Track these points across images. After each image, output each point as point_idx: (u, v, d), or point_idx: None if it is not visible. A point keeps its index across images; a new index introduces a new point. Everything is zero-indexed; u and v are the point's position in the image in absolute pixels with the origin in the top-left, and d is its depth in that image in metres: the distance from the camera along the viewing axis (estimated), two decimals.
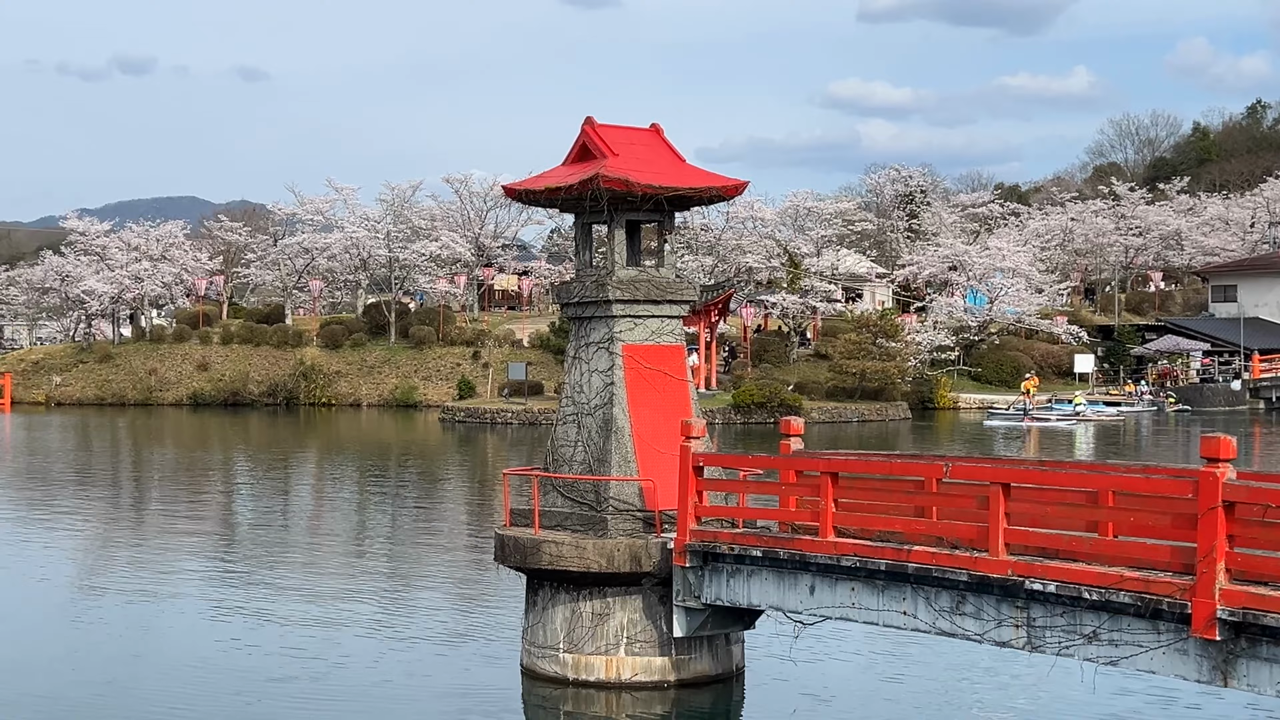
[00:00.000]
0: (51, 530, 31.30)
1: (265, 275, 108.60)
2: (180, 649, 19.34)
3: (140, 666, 18.51)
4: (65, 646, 19.58)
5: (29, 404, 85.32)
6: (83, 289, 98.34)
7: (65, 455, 52.08)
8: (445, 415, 69.98)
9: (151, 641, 19.99)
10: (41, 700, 16.76)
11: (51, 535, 30.56)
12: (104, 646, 19.55)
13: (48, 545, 29.06)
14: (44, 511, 34.73)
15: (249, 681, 17.56)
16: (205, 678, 17.74)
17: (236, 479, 43.75)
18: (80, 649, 19.43)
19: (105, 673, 18.11)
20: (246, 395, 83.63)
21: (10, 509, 35.48)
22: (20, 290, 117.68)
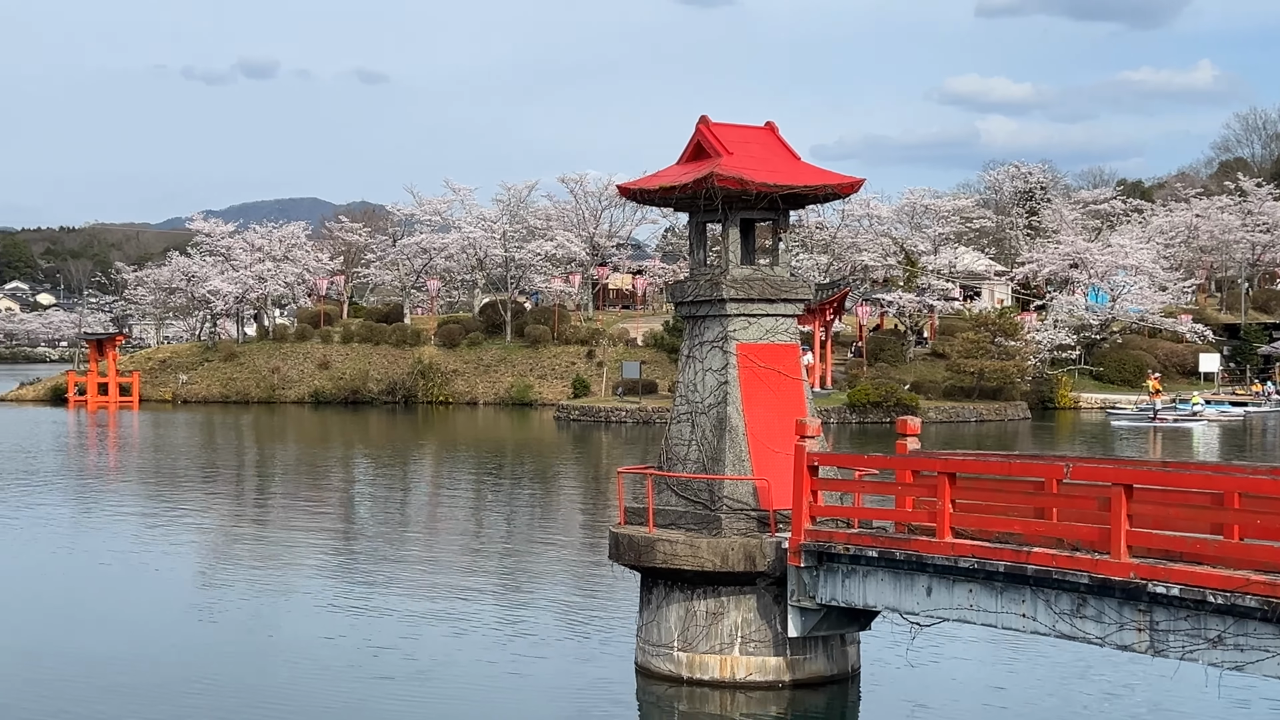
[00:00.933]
0: (177, 525, 32.06)
1: (384, 275, 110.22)
2: (300, 644, 19.69)
3: (263, 662, 18.87)
4: (190, 642, 20.02)
5: (156, 401, 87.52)
6: (208, 289, 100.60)
7: (191, 452, 53.31)
8: (560, 413, 70.43)
9: (273, 637, 20.36)
10: (168, 694, 17.16)
11: (177, 531, 31.30)
12: (227, 643, 19.96)
13: (174, 541, 29.77)
14: (170, 507, 35.59)
15: (368, 677, 17.82)
16: (324, 673, 18.05)
17: (356, 476, 44.45)
18: (204, 645, 19.85)
19: (230, 668, 18.49)
20: (366, 393, 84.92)
21: (138, 505, 36.42)
22: (148, 290, 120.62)
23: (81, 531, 30.99)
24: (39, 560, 26.98)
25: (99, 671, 17.97)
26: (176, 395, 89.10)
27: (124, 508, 35.29)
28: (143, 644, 19.70)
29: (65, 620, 21.05)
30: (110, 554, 27.76)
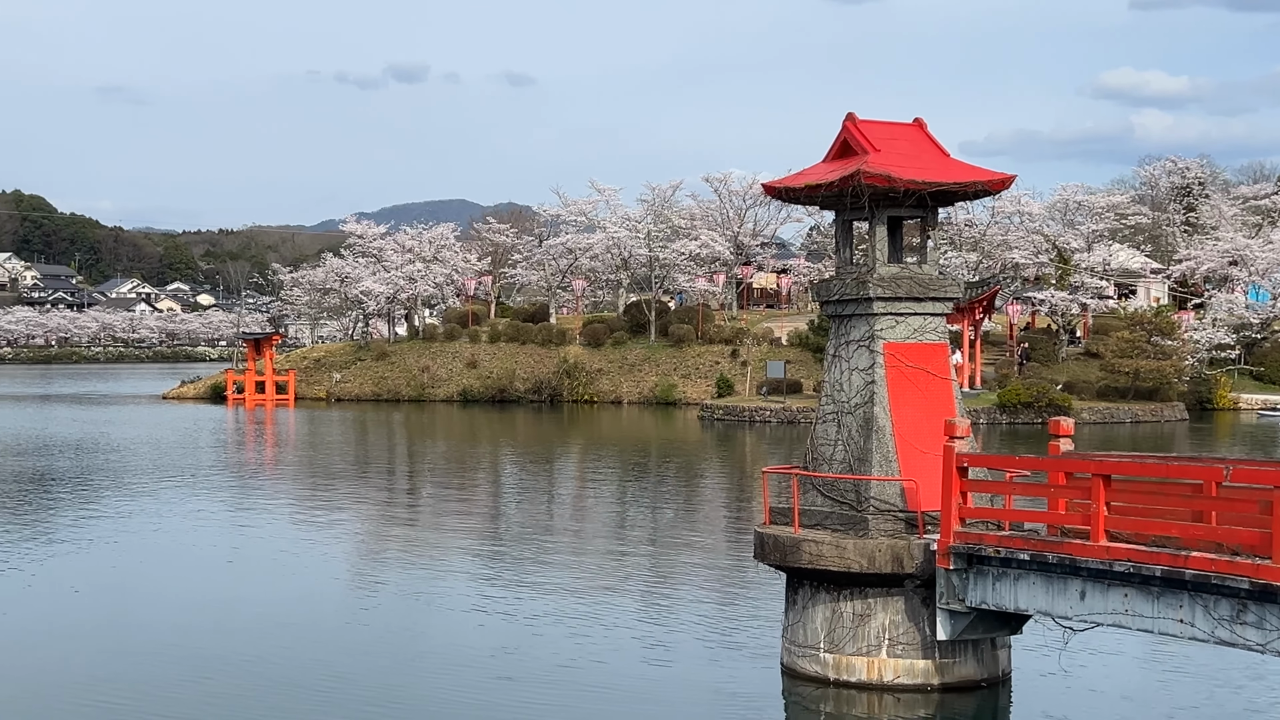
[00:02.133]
0: (330, 522, 32.78)
1: (531, 275, 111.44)
2: (444, 644, 19.99)
3: (406, 663, 19.17)
4: (338, 641, 20.46)
5: (311, 399, 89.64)
6: (360, 289, 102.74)
7: (344, 449, 54.49)
8: (704, 413, 70.47)
9: (420, 636, 20.68)
10: (321, 696, 17.55)
11: (331, 528, 32.00)
12: (374, 641, 20.35)
13: (327, 538, 30.45)
14: (324, 503, 36.40)
15: (510, 677, 18.00)
16: (464, 672, 18.25)
17: (503, 474, 44.99)
18: (352, 645, 20.27)
19: (375, 669, 18.84)
20: (513, 392, 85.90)
21: (293, 501, 37.34)
22: (303, 291, 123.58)
23: (237, 528, 31.86)
24: (196, 556, 27.80)
25: (248, 671, 18.43)
26: (330, 393, 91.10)
27: (279, 504, 36.22)
28: (293, 643, 20.12)
29: (218, 617, 21.60)
30: (265, 551, 28.53)
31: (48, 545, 28.38)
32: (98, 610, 22.04)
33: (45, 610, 21.99)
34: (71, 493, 37.63)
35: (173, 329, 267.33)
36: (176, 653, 19.06)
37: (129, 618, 21.53)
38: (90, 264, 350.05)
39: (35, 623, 21.05)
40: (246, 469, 45.96)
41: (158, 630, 20.60)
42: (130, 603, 22.77)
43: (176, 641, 19.75)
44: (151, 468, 44.55)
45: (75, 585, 24.12)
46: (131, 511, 33.76)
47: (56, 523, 31.78)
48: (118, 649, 19.40)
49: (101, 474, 42.47)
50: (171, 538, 29.77)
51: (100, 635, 20.26)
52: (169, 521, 32.10)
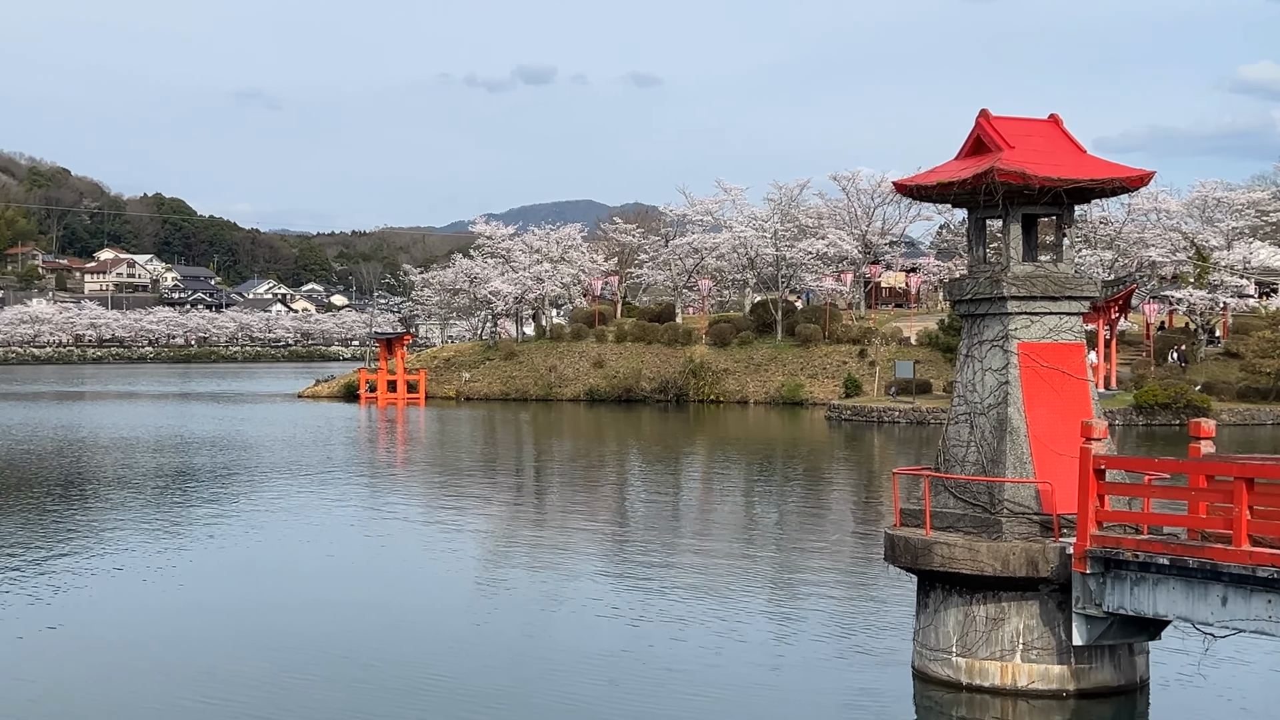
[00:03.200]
0: (459, 520, 33.18)
1: (657, 275, 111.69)
2: (575, 640, 20.11)
3: (530, 663, 19.30)
4: (463, 640, 20.69)
5: (440, 398, 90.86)
6: (489, 290, 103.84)
7: (473, 447, 55.15)
8: (831, 413, 70.01)
9: (544, 638, 20.77)
10: (448, 693, 17.78)
11: (459, 526, 32.39)
12: (506, 638, 20.55)
13: (456, 535, 30.82)
14: (453, 501, 36.87)
15: (633, 679, 18.05)
16: (588, 673, 18.28)
17: (629, 473, 45.16)
18: (483, 640, 20.50)
19: (511, 664, 19.02)
20: (639, 391, 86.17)
21: (423, 498, 37.89)
22: (434, 291, 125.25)
23: (368, 525, 32.40)
24: (326, 552, 28.35)
25: (371, 669, 18.67)
26: (459, 392, 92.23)
27: (409, 502, 36.77)
28: (418, 642, 20.35)
29: (346, 615, 21.96)
30: (395, 548, 29.00)
31: (183, 540, 29.14)
32: (227, 603, 22.56)
33: (177, 602, 22.57)
34: (208, 489, 38.60)
35: (307, 329, 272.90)
36: (303, 649, 19.44)
37: (259, 614, 22.02)
38: (228, 265, 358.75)
39: (168, 616, 21.60)
40: (378, 467, 46.74)
41: (285, 627, 21.05)
42: (261, 598, 23.28)
43: (303, 638, 20.15)
44: (286, 465, 45.52)
45: (207, 579, 24.73)
46: (266, 508, 34.54)
47: (193, 517, 32.61)
48: (245, 643, 19.83)
49: (238, 471, 43.50)
50: (303, 534, 30.38)
51: (227, 629, 20.72)
52: (301, 518, 32.77)
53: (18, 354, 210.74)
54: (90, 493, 37.49)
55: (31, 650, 19.23)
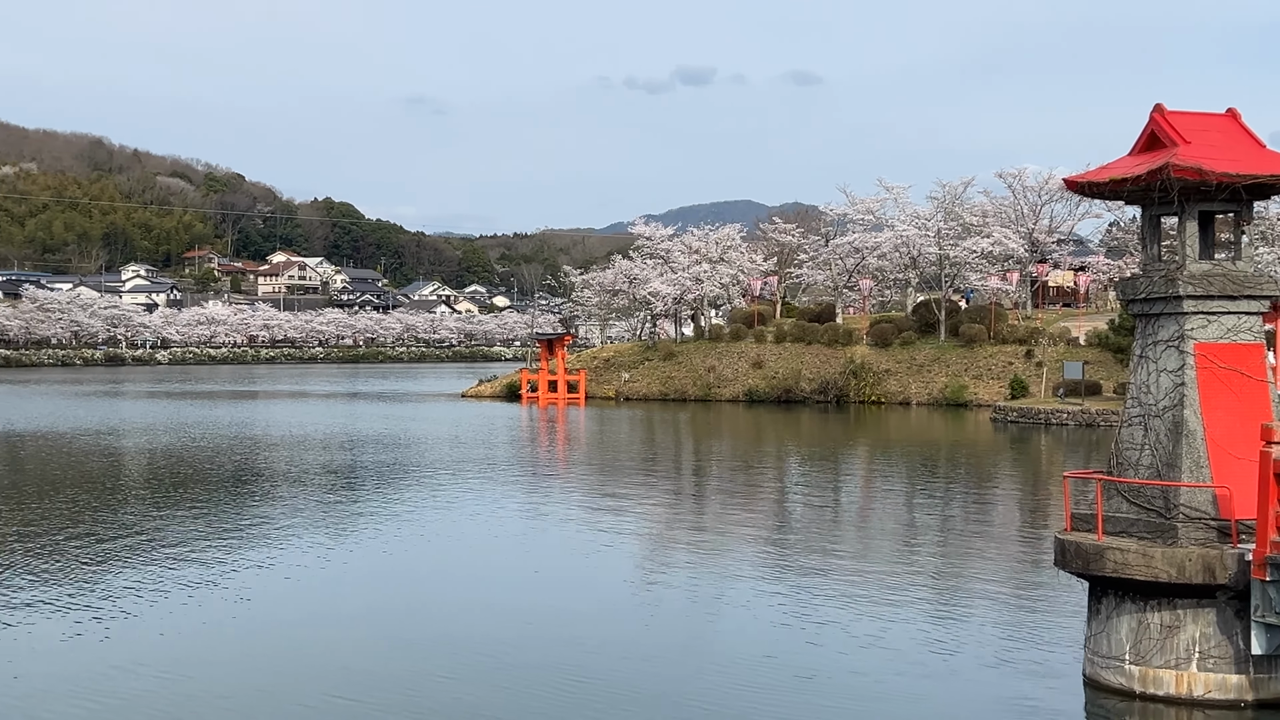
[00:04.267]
0: (619, 519, 33.34)
1: (816, 275, 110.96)
2: (730, 644, 20.06)
3: (694, 662, 19.32)
4: (625, 637, 20.80)
5: (600, 398, 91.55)
6: (648, 290, 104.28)
7: (633, 446, 55.43)
8: (996, 415, 68.75)
9: (705, 636, 20.81)
10: (610, 689, 17.89)
11: (619, 526, 32.54)
12: (662, 639, 20.62)
13: (616, 535, 30.98)
14: (613, 500, 37.09)
15: (791, 682, 17.95)
16: (743, 677, 18.22)
17: (789, 474, 44.93)
18: (639, 641, 20.58)
19: (665, 666, 19.07)
20: (798, 392, 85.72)
21: (583, 496, 38.18)
22: (593, 292, 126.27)
23: (530, 523, 32.77)
24: (488, 551, 28.75)
25: (532, 669, 18.86)
26: (619, 392, 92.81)
27: (570, 501, 37.09)
28: (576, 642, 20.51)
29: (506, 614, 22.21)
30: (556, 548, 29.28)
31: (346, 536, 29.82)
32: (385, 603, 22.98)
33: (334, 599, 23.08)
34: (373, 486, 39.46)
35: (470, 329, 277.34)
36: (465, 647, 19.72)
37: (421, 610, 22.43)
38: (394, 268, 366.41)
39: (325, 613, 22.09)
40: (538, 466, 47.26)
41: (447, 624, 21.38)
42: (424, 595, 23.71)
43: (465, 636, 20.44)
44: (449, 463, 46.31)
45: (368, 576, 25.27)
46: (428, 506, 35.16)
47: (357, 513, 33.36)
48: (403, 644, 20.13)
49: (402, 469, 44.38)
50: (464, 533, 30.86)
51: (384, 629, 21.08)
52: (463, 517, 33.29)
53: (195, 354, 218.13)
54: (260, 489, 38.61)
55: (204, 638, 19.87)
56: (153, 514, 32.85)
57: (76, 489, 38.04)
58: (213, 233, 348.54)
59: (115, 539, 28.77)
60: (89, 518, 32.05)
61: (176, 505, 34.68)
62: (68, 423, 66.59)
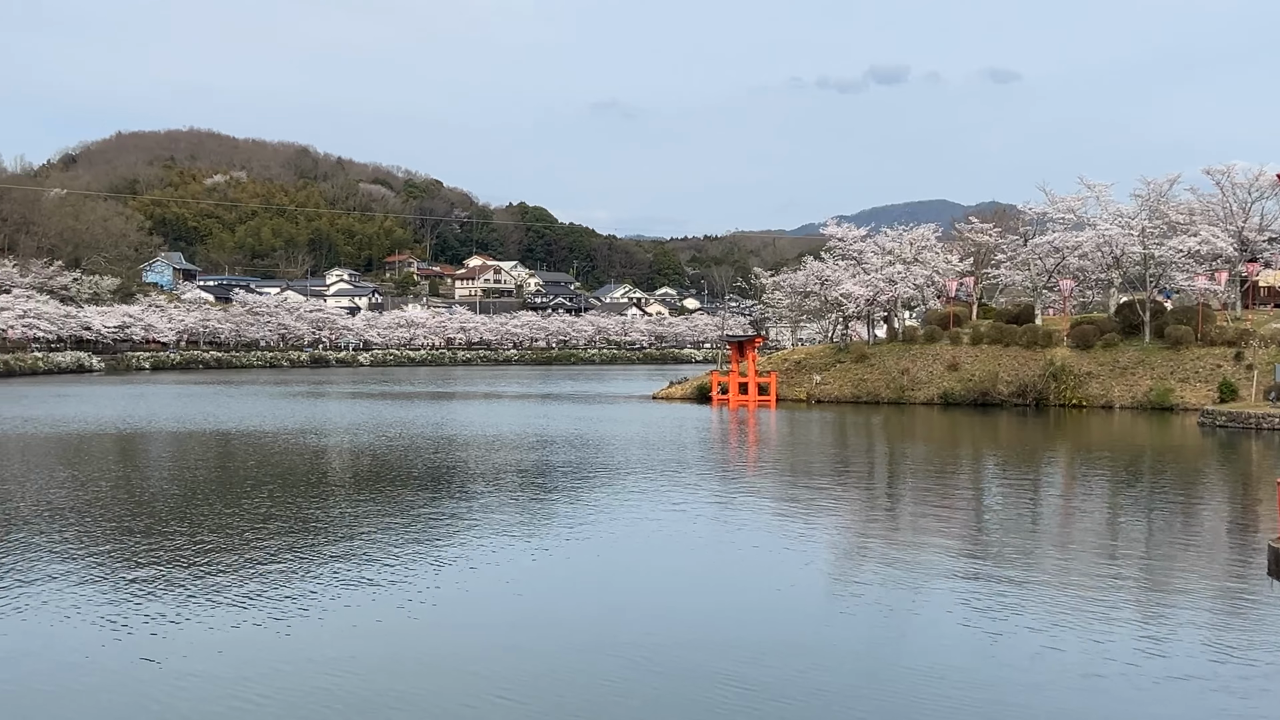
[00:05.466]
0: (809, 524, 32.90)
1: (1014, 275, 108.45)
2: (920, 653, 19.57)
3: (886, 665, 18.87)
4: (811, 641, 20.42)
5: (791, 401, 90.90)
6: (840, 292, 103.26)
7: (824, 450, 54.78)
8: (1204, 419, 66.08)
9: (893, 644, 20.32)
10: (799, 690, 17.55)
11: (809, 530, 32.10)
12: (847, 646, 20.20)
13: (806, 539, 30.56)
14: (804, 504, 36.63)
15: (989, 689, 17.38)
16: (943, 682, 17.76)
17: (985, 479, 43.82)
18: (824, 646, 20.19)
19: (848, 673, 18.66)
20: (995, 395, 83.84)
21: (773, 500, 37.80)
22: (784, 294, 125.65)
23: (718, 525, 32.54)
24: (677, 551, 28.61)
25: (715, 675, 18.61)
26: (810, 395, 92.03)
27: (760, 503, 36.75)
28: (761, 646, 20.24)
29: (692, 617, 22.10)
30: (744, 550, 28.96)
31: (540, 536, 30.00)
32: (572, 604, 23.04)
33: (530, 598, 23.17)
34: (564, 486, 39.71)
35: (660, 332, 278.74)
36: (648, 649, 19.60)
37: (608, 613, 22.37)
38: (586, 271, 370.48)
39: (515, 611, 22.20)
40: (728, 468, 47.03)
41: (629, 628, 21.29)
42: (611, 597, 23.66)
43: (649, 638, 20.33)
44: (639, 464, 46.39)
45: (555, 577, 25.34)
46: (617, 506, 35.21)
47: (546, 513, 33.57)
48: (591, 646, 20.13)
49: (593, 469, 44.61)
50: (653, 533, 30.78)
51: (569, 630, 21.12)
52: (653, 517, 33.23)
53: (395, 356, 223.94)
54: (453, 487, 39.19)
55: (385, 635, 20.14)
56: (346, 511, 33.59)
57: (276, 485, 39.16)
58: (412, 238, 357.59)
59: (306, 533, 29.49)
60: (282, 513, 32.93)
61: (370, 502, 35.41)
62: (273, 422, 68.83)
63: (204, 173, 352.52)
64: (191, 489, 38.54)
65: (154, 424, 67.38)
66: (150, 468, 45.63)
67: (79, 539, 28.79)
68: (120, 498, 36.07)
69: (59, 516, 32.24)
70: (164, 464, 46.96)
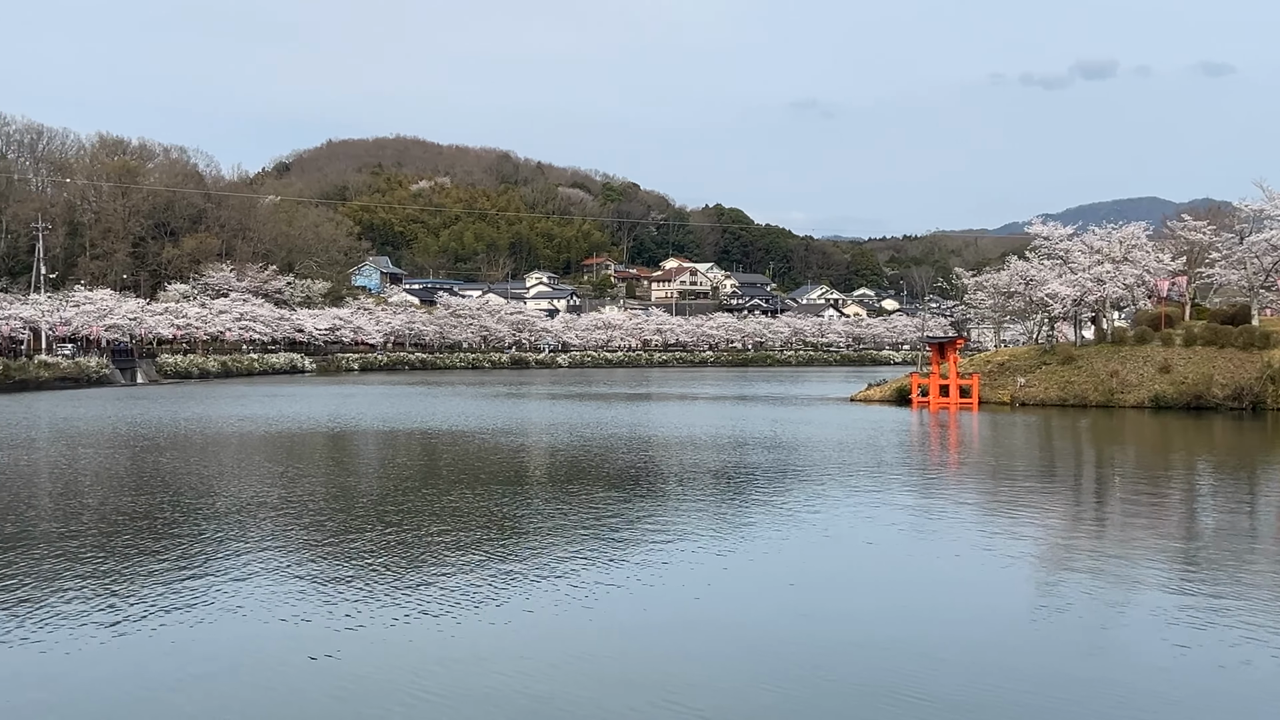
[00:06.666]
0: (1012, 529, 31.86)
1: (1229, 275, 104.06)
2: (1127, 668, 18.68)
3: (1089, 685, 18.05)
4: (1014, 648, 19.67)
5: (994, 403, 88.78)
6: (1045, 292, 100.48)
7: (1028, 454, 53.22)
8: None
9: (1103, 656, 19.44)
10: (994, 706, 16.90)
11: (1012, 535, 31.09)
12: (1050, 656, 19.40)
13: (1009, 544, 29.58)
14: (1006, 509, 35.52)
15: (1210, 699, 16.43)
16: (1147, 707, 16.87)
17: (1198, 486, 41.91)
18: (1023, 655, 19.42)
19: (1060, 670, 17.89)
20: (1209, 398, 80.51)
21: (975, 505, 36.78)
22: (986, 294, 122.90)
23: (918, 529, 31.76)
24: (876, 555, 27.99)
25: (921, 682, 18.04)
26: (1014, 397, 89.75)
27: (961, 507, 35.78)
28: (959, 652, 19.57)
29: (890, 626, 21.49)
30: (945, 555, 28.17)
31: (734, 537, 29.62)
32: (771, 606, 22.58)
33: (722, 600, 22.83)
34: (760, 486, 39.26)
35: (858, 333, 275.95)
36: (831, 656, 19.10)
37: (797, 619, 21.90)
38: (782, 272, 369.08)
39: (703, 612, 21.88)
40: (929, 471, 45.99)
41: (817, 632, 20.80)
42: (796, 601, 23.16)
43: (832, 645, 19.82)
44: (837, 466, 45.69)
45: (756, 577, 24.94)
46: (817, 507, 34.63)
47: (740, 512, 33.17)
48: (769, 651, 19.66)
49: (790, 470, 44.07)
50: (851, 536, 30.17)
51: (761, 637, 20.67)
52: (851, 520, 32.61)
53: (592, 357, 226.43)
54: (644, 486, 39.09)
55: (555, 630, 20.02)
56: (537, 508, 33.73)
57: (471, 483, 39.62)
58: (609, 240, 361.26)
59: (494, 529, 29.66)
60: (473, 509, 33.23)
61: (560, 500, 35.52)
62: (473, 421, 70.03)
63: (410, 179, 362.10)
64: (390, 486, 39.28)
65: (360, 423, 69.21)
66: (352, 465, 46.74)
67: (274, 534, 29.51)
68: (320, 494, 36.94)
69: (257, 511, 33.15)
70: (366, 461, 48.08)
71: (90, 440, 56.88)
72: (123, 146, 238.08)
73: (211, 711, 16.19)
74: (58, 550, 27.10)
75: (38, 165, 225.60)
